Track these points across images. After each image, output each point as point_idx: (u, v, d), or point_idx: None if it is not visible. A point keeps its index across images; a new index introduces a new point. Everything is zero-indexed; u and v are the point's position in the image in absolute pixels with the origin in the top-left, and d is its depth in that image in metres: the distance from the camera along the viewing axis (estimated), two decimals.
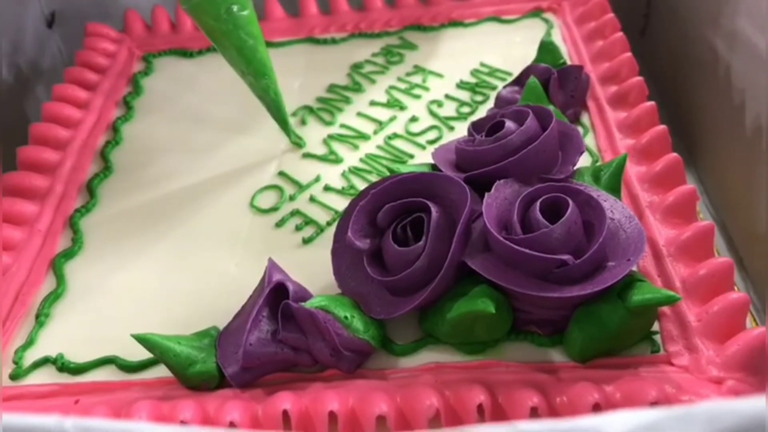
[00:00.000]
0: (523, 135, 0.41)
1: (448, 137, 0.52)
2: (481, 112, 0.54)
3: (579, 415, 0.22)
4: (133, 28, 0.67)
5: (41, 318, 0.43)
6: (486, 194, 0.38)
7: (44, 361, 0.40)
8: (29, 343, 0.42)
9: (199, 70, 0.64)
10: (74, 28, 0.68)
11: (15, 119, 0.62)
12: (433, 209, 0.38)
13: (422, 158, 0.51)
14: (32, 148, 0.54)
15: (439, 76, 0.60)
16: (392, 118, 0.56)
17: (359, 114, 0.57)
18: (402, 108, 0.57)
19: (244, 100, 0.55)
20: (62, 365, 0.40)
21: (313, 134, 0.55)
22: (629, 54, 0.55)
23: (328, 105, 0.58)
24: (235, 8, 0.48)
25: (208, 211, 0.50)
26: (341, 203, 0.47)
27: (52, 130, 0.55)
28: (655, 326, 0.38)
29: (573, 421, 0.19)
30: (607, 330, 0.36)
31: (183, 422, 0.34)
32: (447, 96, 0.57)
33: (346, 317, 0.37)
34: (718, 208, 0.57)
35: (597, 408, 0.34)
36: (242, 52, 0.50)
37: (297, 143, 0.54)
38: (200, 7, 0.48)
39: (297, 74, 0.62)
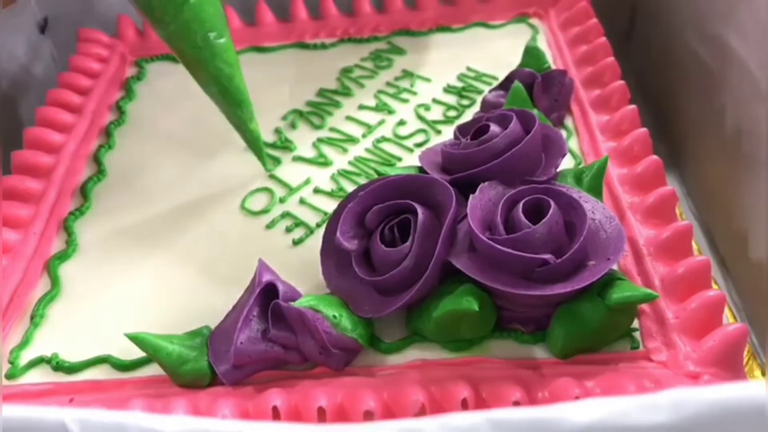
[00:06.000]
0: (507, 138, 0.42)
1: (435, 140, 0.53)
2: (468, 116, 0.55)
3: None
4: (126, 34, 0.68)
5: (36, 319, 0.44)
6: (471, 196, 0.39)
7: (39, 361, 0.41)
8: (24, 343, 0.42)
9: None
10: (67, 34, 0.68)
11: (9, 124, 0.62)
12: (420, 211, 0.39)
13: (410, 161, 0.51)
14: (27, 153, 0.54)
15: (427, 80, 0.60)
16: (381, 122, 0.57)
17: (348, 118, 0.57)
18: (390, 112, 0.57)
19: None
20: (57, 364, 0.41)
21: (303, 137, 0.56)
22: (612, 58, 0.56)
23: (317, 109, 0.59)
24: (211, 36, 0.47)
25: (199, 213, 0.50)
26: (330, 205, 0.47)
27: (46, 135, 0.56)
28: (635, 323, 0.39)
29: (543, 409, 0.20)
30: (587, 327, 0.37)
31: None
32: (434, 100, 0.58)
33: (334, 316, 0.38)
34: (701, 209, 0.57)
35: None
36: (218, 81, 0.48)
37: (273, 174, 0.53)
38: (176, 35, 0.47)
39: (287, 79, 0.62)
